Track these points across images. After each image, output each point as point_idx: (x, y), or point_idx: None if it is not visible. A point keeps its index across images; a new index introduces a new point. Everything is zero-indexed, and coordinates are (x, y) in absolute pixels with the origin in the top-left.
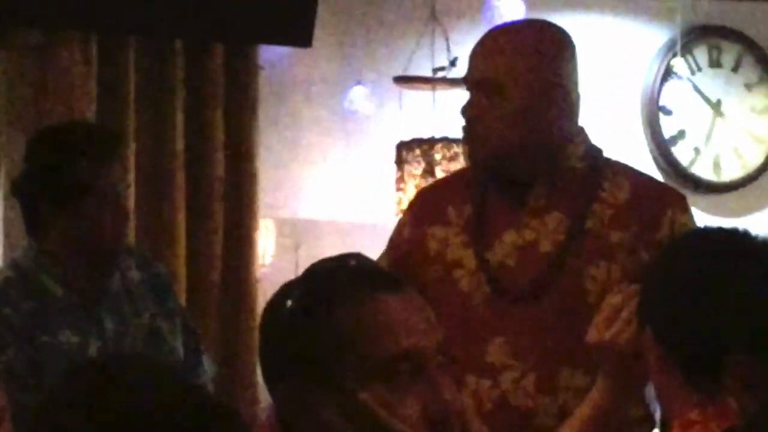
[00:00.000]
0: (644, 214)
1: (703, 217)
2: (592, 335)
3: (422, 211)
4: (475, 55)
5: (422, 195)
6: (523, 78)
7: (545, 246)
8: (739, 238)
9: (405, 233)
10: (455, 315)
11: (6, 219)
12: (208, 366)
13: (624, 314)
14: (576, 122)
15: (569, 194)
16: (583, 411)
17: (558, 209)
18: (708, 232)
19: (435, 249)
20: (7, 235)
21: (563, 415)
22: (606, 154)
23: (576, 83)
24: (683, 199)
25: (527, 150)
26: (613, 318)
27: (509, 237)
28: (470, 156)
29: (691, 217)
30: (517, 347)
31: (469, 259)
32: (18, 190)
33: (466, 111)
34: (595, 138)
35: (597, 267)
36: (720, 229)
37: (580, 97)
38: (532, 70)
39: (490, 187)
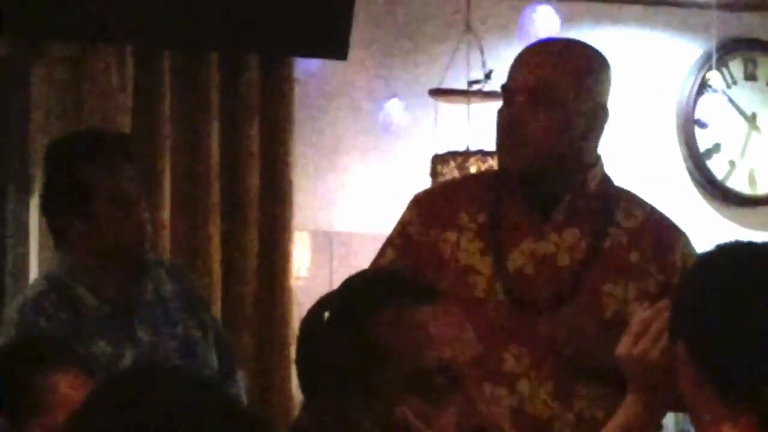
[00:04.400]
0: (658, 238)
1: (737, 231)
2: (622, 349)
3: (431, 214)
4: (524, 63)
5: (429, 197)
6: (575, 93)
7: (564, 260)
8: None
9: (411, 232)
10: (469, 321)
11: (41, 231)
12: (241, 378)
13: (654, 328)
14: (599, 146)
15: (587, 214)
16: (613, 425)
17: (576, 227)
18: (742, 245)
19: (448, 254)
20: (41, 247)
21: (579, 422)
22: (641, 166)
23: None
24: (687, 235)
25: (563, 163)
26: (643, 332)
27: (527, 246)
28: (503, 161)
29: (696, 253)
30: (533, 356)
31: (486, 265)
32: (40, 202)
33: (505, 116)
34: (631, 151)
35: (614, 284)
36: (752, 243)
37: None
38: (584, 86)
39: (507, 195)
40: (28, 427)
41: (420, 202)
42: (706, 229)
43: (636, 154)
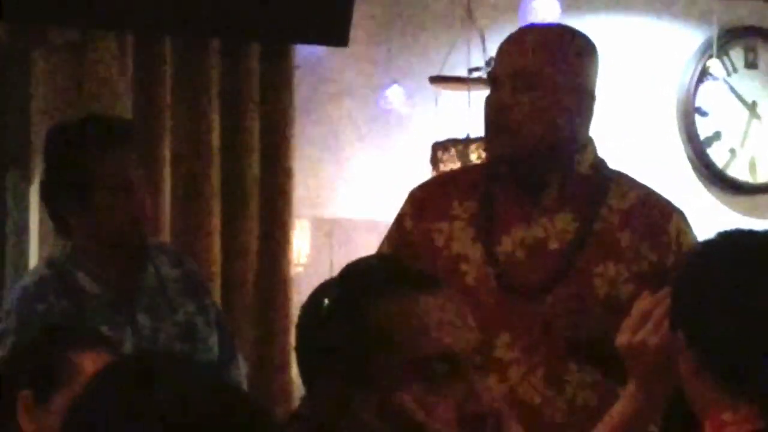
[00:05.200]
0: (651, 218)
1: (738, 219)
2: (622, 338)
3: (425, 205)
4: (510, 49)
5: (423, 189)
6: (560, 76)
7: (554, 244)
8: None
9: (407, 225)
10: None
11: (41, 218)
12: (242, 364)
13: (654, 317)
14: (589, 130)
15: (578, 198)
16: (613, 415)
17: (567, 210)
18: (741, 234)
19: (441, 244)
20: (41, 236)
21: (571, 409)
22: (641, 154)
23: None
24: (684, 213)
25: (550, 147)
26: (643, 321)
27: (517, 233)
28: (491, 147)
29: (692, 231)
30: (525, 343)
31: (476, 252)
32: (41, 189)
33: (491, 103)
34: (631, 138)
35: (605, 266)
36: (753, 232)
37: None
38: (569, 70)
39: (498, 183)
40: (52, 401)
41: (414, 196)
42: (707, 217)
43: (636, 141)
